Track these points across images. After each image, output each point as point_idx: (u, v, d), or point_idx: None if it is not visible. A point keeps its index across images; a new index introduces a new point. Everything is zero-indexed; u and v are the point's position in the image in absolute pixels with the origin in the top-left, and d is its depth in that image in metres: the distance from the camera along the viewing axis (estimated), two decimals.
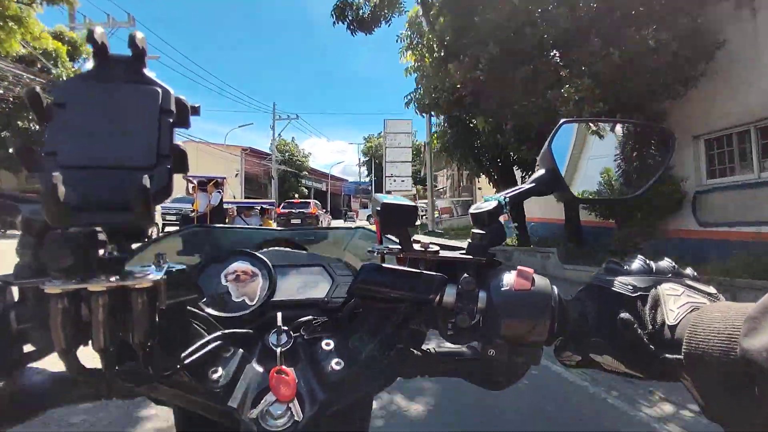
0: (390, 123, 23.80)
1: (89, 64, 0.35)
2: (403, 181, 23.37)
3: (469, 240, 0.52)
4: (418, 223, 18.36)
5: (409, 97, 9.86)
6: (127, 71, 0.34)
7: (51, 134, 0.32)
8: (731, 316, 0.33)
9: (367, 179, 55.07)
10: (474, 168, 9.81)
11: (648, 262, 0.46)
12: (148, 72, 0.35)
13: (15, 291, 0.40)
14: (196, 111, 0.37)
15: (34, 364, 0.43)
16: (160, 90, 0.34)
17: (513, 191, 0.55)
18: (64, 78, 11.46)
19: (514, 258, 8.76)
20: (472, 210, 0.53)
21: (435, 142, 9.46)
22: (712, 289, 0.42)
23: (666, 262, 0.46)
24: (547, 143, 0.55)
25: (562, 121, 0.57)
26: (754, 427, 0.30)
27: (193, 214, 9.31)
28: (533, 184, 0.55)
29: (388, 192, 24.40)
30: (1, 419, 0.44)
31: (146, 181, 0.31)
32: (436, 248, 0.50)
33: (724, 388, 0.32)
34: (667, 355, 0.38)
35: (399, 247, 0.51)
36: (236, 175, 33.93)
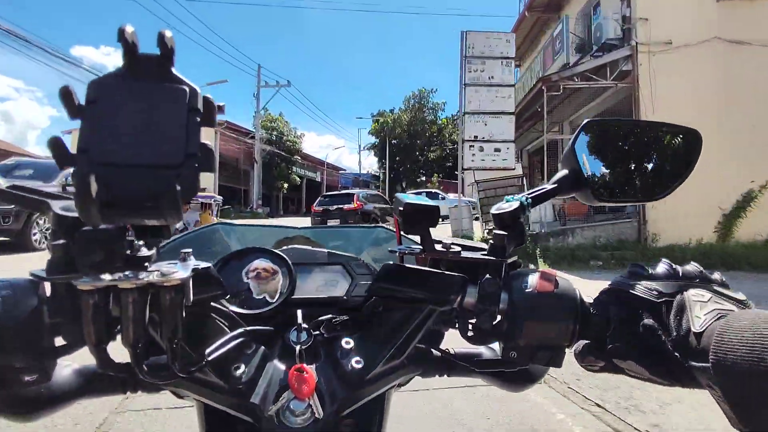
0: (474, 37, 11.02)
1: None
2: (497, 151, 11.04)
3: (491, 241, 0.51)
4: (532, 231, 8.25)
5: None
6: (156, 70, 0.34)
7: (83, 131, 0.32)
8: (761, 325, 0.32)
9: (375, 170, 44.81)
10: None
11: (674, 266, 0.45)
12: (176, 71, 0.35)
13: (47, 286, 0.41)
14: (221, 110, 0.36)
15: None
16: (187, 89, 0.34)
17: (535, 192, 0.54)
18: None
19: None
20: (493, 211, 0.53)
21: None
22: (741, 295, 0.41)
23: (693, 267, 0.45)
24: (570, 143, 0.55)
25: (585, 120, 0.57)
26: None
27: None
28: (556, 185, 0.55)
29: (467, 169, 12.90)
30: (32, 410, 0.47)
31: (175, 179, 0.32)
32: (458, 249, 0.51)
33: (753, 399, 0.32)
34: (693, 364, 0.37)
35: (420, 247, 0.51)
36: None
